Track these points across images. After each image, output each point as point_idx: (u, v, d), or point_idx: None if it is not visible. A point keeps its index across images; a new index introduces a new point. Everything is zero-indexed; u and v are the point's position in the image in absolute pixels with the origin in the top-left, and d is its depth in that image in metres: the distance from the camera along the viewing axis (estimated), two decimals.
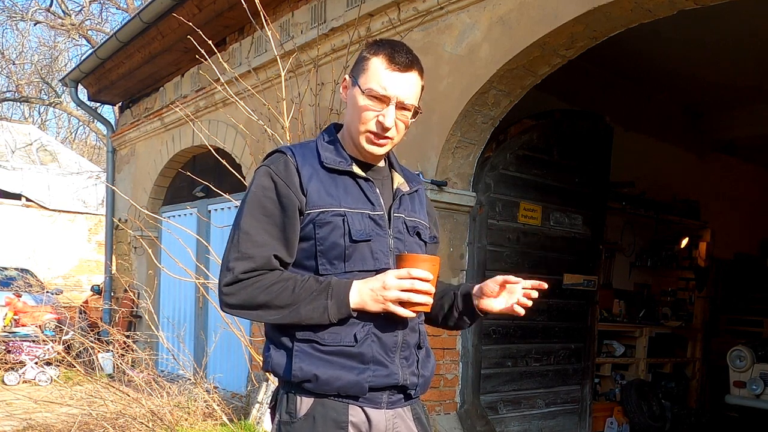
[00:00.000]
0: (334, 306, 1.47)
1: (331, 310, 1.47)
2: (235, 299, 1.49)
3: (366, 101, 1.51)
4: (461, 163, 4.23)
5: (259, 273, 1.49)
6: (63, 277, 14.46)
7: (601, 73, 5.84)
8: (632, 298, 6.82)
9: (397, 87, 1.51)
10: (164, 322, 7.23)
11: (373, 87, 1.50)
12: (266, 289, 1.48)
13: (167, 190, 7.99)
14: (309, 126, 4.78)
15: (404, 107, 1.53)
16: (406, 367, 1.55)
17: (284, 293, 1.47)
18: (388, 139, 1.55)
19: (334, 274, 1.51)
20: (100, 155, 19.91)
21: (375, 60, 1.52)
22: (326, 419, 1.49)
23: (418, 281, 1.46)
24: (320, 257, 1.52)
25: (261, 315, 1.50)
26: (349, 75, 1.59)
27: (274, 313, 1.48)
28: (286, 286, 1.48)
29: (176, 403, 4.88)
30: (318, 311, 1.46)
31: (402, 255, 1.53)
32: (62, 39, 16.24)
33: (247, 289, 1.48)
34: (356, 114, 1.54)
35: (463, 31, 3.98)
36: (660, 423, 6.12)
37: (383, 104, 1.51)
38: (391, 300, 1.47)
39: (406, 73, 1.52)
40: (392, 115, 1.51)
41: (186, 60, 6.59)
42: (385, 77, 1.50)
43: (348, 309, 1.47)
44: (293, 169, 1.53)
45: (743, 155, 7.73)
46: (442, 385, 4.22)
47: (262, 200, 1.51)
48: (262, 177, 1.54)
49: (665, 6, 3.29)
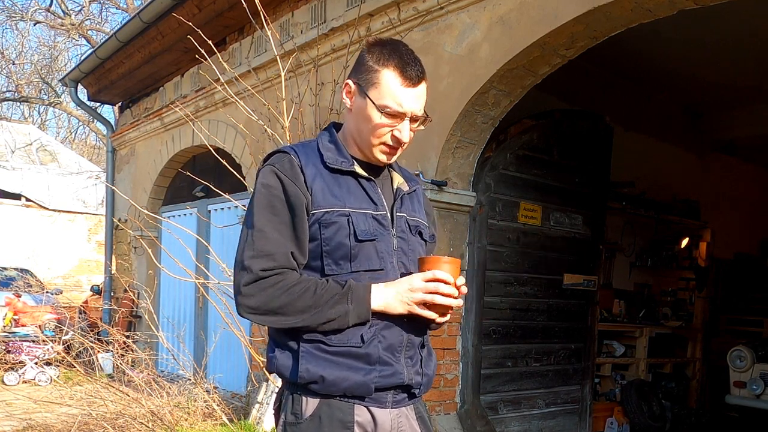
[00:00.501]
0: (355, 311, 1.47)
1: (351, 315, 1.47)
2: (254, 301, 1.47)
3: (382, 119, 1.52)
4: (461, 163, 4.22)
5: (279, 271, 1.47)
6: (63, 277, 14.45)
7: (601, 73, 5.84)
8: (632, 298, 6.82)
9: (411, 102, 1.53)
10: (164, 322, 7.23)
11: (389, 104, 1.51)
12: (288, 290, 1.46)
13: (167, 190, 7.98)
14: (309, 126, 4.78)
15: (416, 118, 1.56)
16: (410, 366, 1.56)
17: (306, 294, 1.46)
18: (400, 149, 1.58)
19: (339, 274, 1.51)
20: (99, 155, 19.91)
21: (387, 74, 1.51)
22: (332, 419, 1.49)
23: (443, 284, 1.47)
24: (326, 257, 1.51)
25: (280, 320, 1.47)
26: (353, 81, 1.56)
27: (292, 319, 1.46)
28: (307, 287, 1.46)
29: (176, 403, 4.88)
30: (339, 315, 1.46)
31: (424, 258, 1.54)
32: (62, 39, 16.25)
33: (267, 290, 1.46)
34: (368, 127, 1.54)
35: (463, 31, 3.97)
36: (660, 423, 6.12)
37: (398, 120, 1.53)
38: (417, 302, 1.48)
39: (418, 86, 1.54)
40: (407, 129, 1.54)
41: (186, 60, 6.59)
42: (400, 94, 1.51)
43: (368, 314, 1.48)
44: (298, 168, 1.52)
45: (743, 155, 7.73)
46: (442, 385, 4.22)
47: (271, 199, 1.50)
48: (268, 176, 1.53)
49: (665, 6, 3.29)
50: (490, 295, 4.44)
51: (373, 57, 1.53)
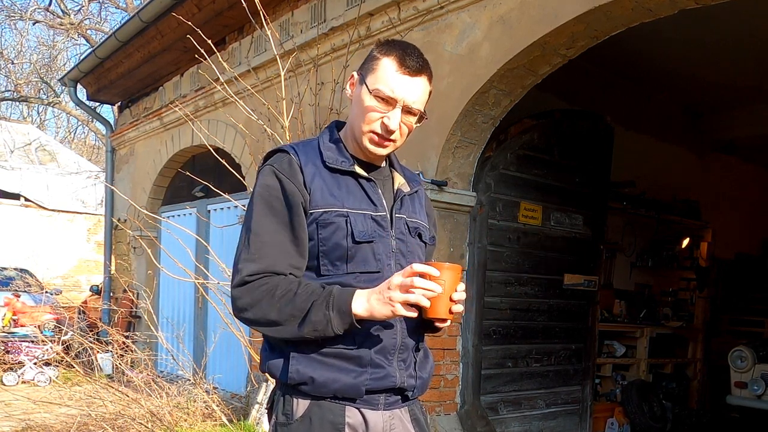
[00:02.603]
0: (337, 317, 1.41)
1: (334, 321, 1.41)
2: (242, 303, 1.47)
3: (372, 101, 1.50)
4: (461, 162, 4.21)
5: (264, 276, 1.46)
6: (62, 277, 14.43)
7: (601, 73, 5.83)
8: (633, 299, 6.81)
9: (405, 90, 1.49)
10: (163, 323, 7.21)
11: (381, 88, 1.49)
12: (270, 293, 1.44)
13: (166, 190, 7.97)
14: (309, 126, 4.77)
15: (410, 111, 1.51)
16: (403, 369, 1.54)
17: (287, 296, 1.44)
18: (390, 142, 1.54)
19: (335, 275, 1.49)
20: (99, 155, 19.88)
21: (385, 60, 1.50)
22: (323, 421, 1.48)
23: (419, 278, 1.36)
24: (322, 258, 1.50)
25: (270, 330, 1.47)
26: (357, 72, 1.57)
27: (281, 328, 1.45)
28: (289, 288, 1.44)
29: (175, 403, 4.86)
30: (321, 324, 1.42)
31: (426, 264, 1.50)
32: (61, 38, 16.23)
33: (252, 292, 1.46)
34: (361, 113, 1.52)
35: (463, 31, 3.96)
36: (661, 424, 6.11)
37: (389, 106, 1.50)
38: (399, 301, 1.37)
39: (416, 77, 1.51)
40: (397, 117, 1.50)
41: (185, 59, 6.58)
42: (394, 79, 1.49)
43: (350, 318, 1.41)
44: (297, 168, 1.51)
45: (743, 155, 7.72)
46: (442, 385, 4.21)
47: (269, 200, 1.49)
48: (267, 176, 1.52)
49: (666, 5, 3.28)
50: (490, 296, 4.43)
51: (379, 49, 1.54)
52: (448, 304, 1.43)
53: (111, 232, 8.67)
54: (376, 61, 1.52)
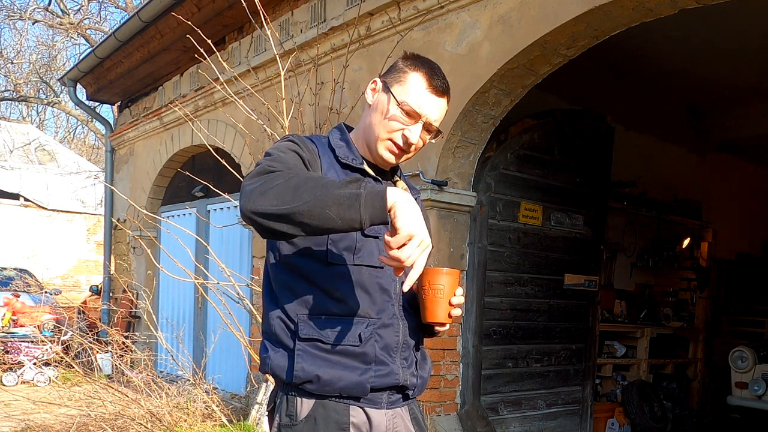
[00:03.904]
0: (369, 197, 1.26)
1: (364, 199, 1.25)
2: (254, 184, 1.34)
3: (397, 111, 1.53)
4: (462, 162, 4.20)
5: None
6: (61, 277, 14.42)
7: (602, 73, 5.82)
8: (633, 299, 6.80)
9: (431, 108, 1.55)
10: (163, 323, 7.21)
11: (409, 102, 1.53)
12: (290, 176, 1.33)
13: (166, 189, 7.96)
14: (309, 125, 4.76)
15: (429, 128, 1.57)
16: (406, 367, 1.55)
17: (311, 175, 1.39)
18: (404, 153, 1.59)
19: (343, 264, 1.50)
20: (98, 155, 19.86)
21: (415, 76, 1.55)
22: (328, 421, 1.48)
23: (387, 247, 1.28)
24: (331, 245, 1.50)
25: (279, 200, 1.29)
26: (381, 79, 1.60)
27: (292, 200, 1.28)
28: (312, 175, 1.41)
29: (175, 404, 4.85)
30: (349, 197, 1.26)
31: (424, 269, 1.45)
32: (61, 38, 16.22)
33: (269, 175, 1.34)
34: (382, 120, 1.55)
35: (463, 30, 3.95)
36: (661, 424, 6.09)
37: (412, 120, 1.54)
38: (415, 244, 1.27)
39: (441, 98, 1.56)
40: (418, 132, 1.55)
41: (185, 59, 6.57)
42: (422, 96, 1.53)
43: (384, 206, 1.26)
44: (315, 152, 1.55)
45: (745, 155, 7.71)
46: (442, 385, 4.20)
47: (288, 151, 1.49)
48: (285, 141, 1.53)
49: (666, 5, 3.27)
50: (490, 296, 4.42)
51: (406, 62, 1.58)
52: (447, 309, 1.46)
53: (110, 232, 8.67)
54: (403, 74, 1.56)
